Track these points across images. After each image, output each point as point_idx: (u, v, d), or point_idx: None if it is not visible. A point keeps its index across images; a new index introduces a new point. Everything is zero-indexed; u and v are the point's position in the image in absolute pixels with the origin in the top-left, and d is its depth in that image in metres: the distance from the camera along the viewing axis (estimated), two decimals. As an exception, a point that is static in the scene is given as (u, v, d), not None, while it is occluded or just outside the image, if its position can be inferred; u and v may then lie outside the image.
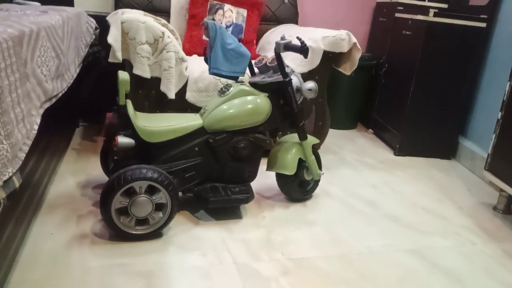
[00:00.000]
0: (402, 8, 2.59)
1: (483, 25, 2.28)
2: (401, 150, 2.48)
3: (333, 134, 2.74)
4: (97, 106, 2.40)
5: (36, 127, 0.91)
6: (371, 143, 2.66)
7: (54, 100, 1.19)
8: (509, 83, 1.82)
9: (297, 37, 1.45)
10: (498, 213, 1.88)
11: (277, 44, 1.47)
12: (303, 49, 1.42)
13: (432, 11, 2.23)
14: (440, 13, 2.25)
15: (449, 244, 1.57)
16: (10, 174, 0.72)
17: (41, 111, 1.05)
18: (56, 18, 1.35)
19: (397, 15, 2.59)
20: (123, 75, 1.39)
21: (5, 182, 0.70)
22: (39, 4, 2.16)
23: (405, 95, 2.42)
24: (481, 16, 2.28)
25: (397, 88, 2.55)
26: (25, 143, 0.82)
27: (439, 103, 2.40)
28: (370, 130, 2.89)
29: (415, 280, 1.33)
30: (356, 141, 2.66)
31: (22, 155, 0.79)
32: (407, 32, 2.46)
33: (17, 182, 0.76)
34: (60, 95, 1.27)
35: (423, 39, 2.28)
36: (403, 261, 1.43)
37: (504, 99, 1.84)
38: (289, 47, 1.46)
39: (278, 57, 1.51)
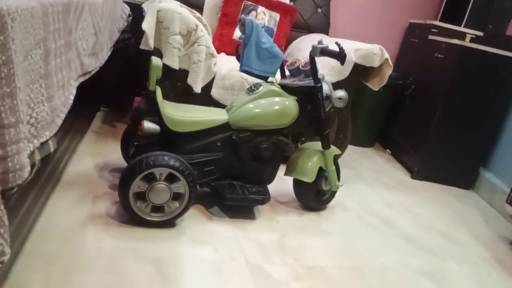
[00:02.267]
0: (436, 30, 2.57)
1: (518, 56, 2.25)
2: (418, 173, 2.44)
3: (350, 150, 2.71)
4: (119, 93, 2.41)
5: (72, 97, 0.91)
6: (388, 163, 2.63)
7: (88, 76, 1.19)
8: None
9: (336, 43, 1.43)
10: (515, 248, 1.83)
11: (314, 47, 1.46)
12: (341, 55, 1.40)
13: (469, 37, 2.21)
14: (476, 39, 2.22)
15: (464, 271, 1.53)
16: (47, 137, 0.71)
17: (77, 83, 1.05)
18: (98, -3, 1.35)
19: (430, 37, 2.57)
20: (156, 61, 1.39)
21: (41, 144, 0.69)
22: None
23: (430, 118, 2.39)
24: (516, 47, 2.26)
25: (421, 110, 2.52)
26: (62, 110, 0.82)
27: (463, 130, 2.36)
28: (388, 150, 2.85)
29: (428, 303, 1.30)
30: (373, 159, 2.63)
31: (59, 121, 0.78)
32: (439, 55, 2.43)
33: (52, 147, 0.75)
34: (93, 72, 1.28)
35: (456, 63, 2.25)
36: (417, 281, 1.39)
37: (534, 132, 1.80)
38: (326, 52, 1.44)
39: (312, 61, 1.49)
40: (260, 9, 2.32)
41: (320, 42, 1.46)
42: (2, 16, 0.51)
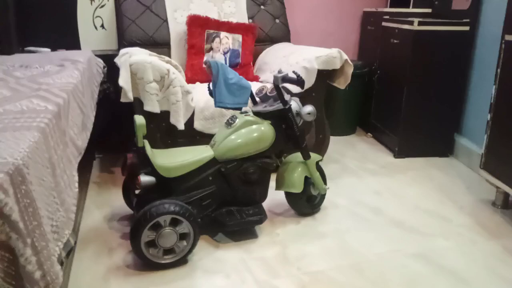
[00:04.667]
0: (388, 17, 2.71)
1: (467, 28, 2.41)
2: (400, 152, 2.61)
3: (334, 141, 2.85)
4: (111, 137, 2.54)
5: (77, 185, 1.05)
6: (371, 147, 2.79)
7: (83, 152, 1.32)
8: (494, 86, 1.95)
9: (293, 71, 1.58)
10: (497, 209, 2.00)
11: (275, 77, 1.61)
12: (299, 82, 1.55)
13: (416, 21, 2.36)
14: (424, 22, 2.38)
15: (451, 245, 1.70)
16: (68, 236, 0.86)
17: (76, 166, 1.18)
18: (75, 74, 1.48)
19: (384, 24, 2.72)
20: (140, 120, 1.52)
21: (64, 243, 0.83)
22: (49, 50, 2.30)
23: (399, 99, 2.55)
24: (464, 20, 2.41)
25: (390, 92, 2.68)
26: (74, 203, 0.96)
27: (432, 103, 2.52)
28: (369, 134, 3.02)
29: (422, 283, 1.47)
30: (356, 147, 2.79)
31: (73, 216, 0.92)
32: (395, 41, 2.59)
33: (72, 241, 0.89)
34: (86, 145, 1.41)
35: (411, 47, 2.41)
36: (410, 266, 1.56)
37: (492, 101, 1.97)
38: (286, 79, 1.60)
39: (277, 88, 1.64)
40: (223, 34, 2.45)
41: (280, 71, 1.61)
42: (20, 170, 0.65)
